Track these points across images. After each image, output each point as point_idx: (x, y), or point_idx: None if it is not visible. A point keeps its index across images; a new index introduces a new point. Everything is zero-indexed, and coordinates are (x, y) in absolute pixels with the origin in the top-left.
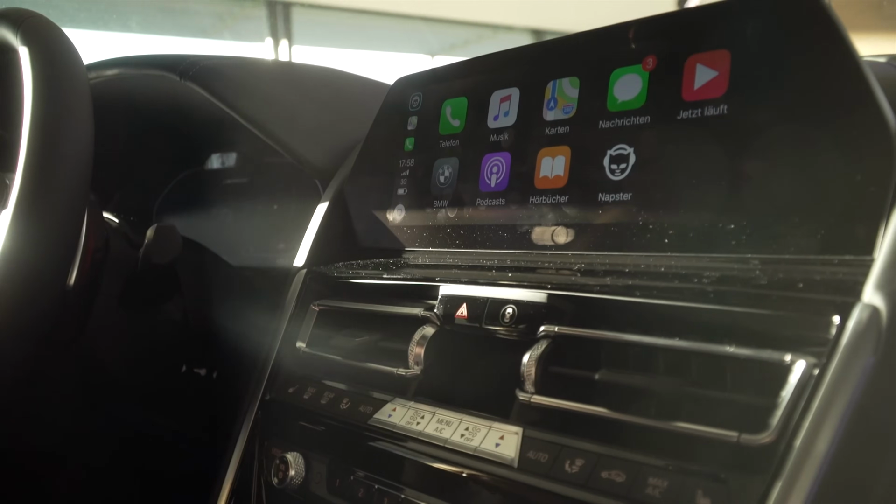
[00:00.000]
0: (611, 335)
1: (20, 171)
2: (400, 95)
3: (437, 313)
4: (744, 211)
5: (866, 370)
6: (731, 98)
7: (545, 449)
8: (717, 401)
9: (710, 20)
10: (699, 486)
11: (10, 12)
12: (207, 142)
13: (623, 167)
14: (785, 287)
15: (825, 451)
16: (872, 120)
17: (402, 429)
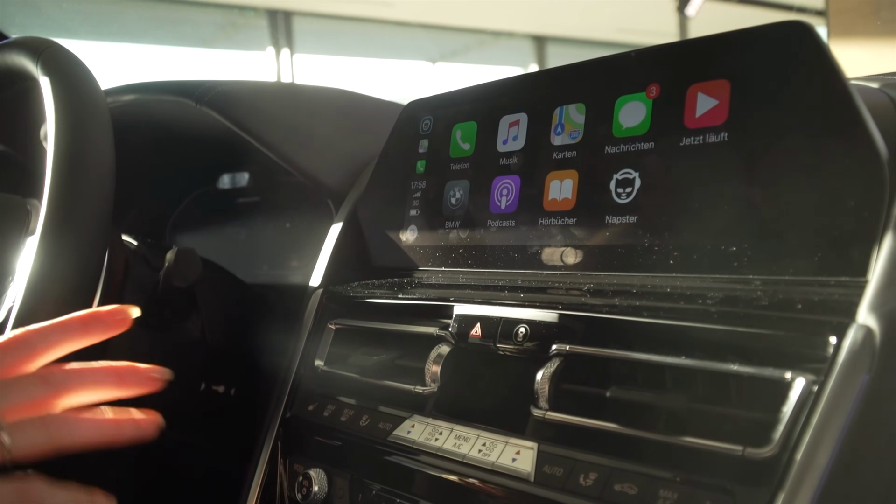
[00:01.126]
0: (620, 353)
1: (46, 199)
2: (411, 119)
3: (452, 332)
4: (745, 233)
5: (862, 387)
6: (730, 126)
7: (560, 463)
8: (723, 416)
9: (711, 51)
10: (707, 498)
11: (29, 42)
12: (219, 162)
13: (629, 191)
14: (784, 308)
15: (825, 464)
16: (864, 148)
17: (422, 444)
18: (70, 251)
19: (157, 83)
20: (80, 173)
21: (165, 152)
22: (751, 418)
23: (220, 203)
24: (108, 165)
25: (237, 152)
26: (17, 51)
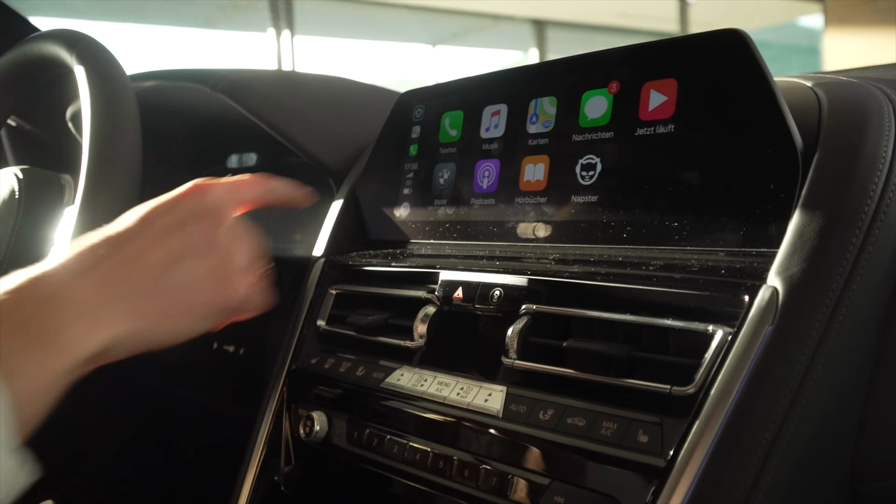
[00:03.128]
0: (578, 312)
1: (84, 174)
2: (405, 107)
3: (438, 295)
4: (685, 211)
5: (766, 336)
6: (677, 119)
7: (524, 402)
8: (658, 362)
9: (663, 53)
10: (640, 427)
11: (63, 33)
12: (229, 143)
13: (591, 174)
14: (711, 273)
15: (733, 398)
16: (782, 139)
17: (409, 390)
18: (104, 220)
19: (175, 71)
20: (112, 152)
21: (180, 134)
22: (679, 363)
23: None
24: (136, 146)
25: (246, 134)
26: (53, 41)
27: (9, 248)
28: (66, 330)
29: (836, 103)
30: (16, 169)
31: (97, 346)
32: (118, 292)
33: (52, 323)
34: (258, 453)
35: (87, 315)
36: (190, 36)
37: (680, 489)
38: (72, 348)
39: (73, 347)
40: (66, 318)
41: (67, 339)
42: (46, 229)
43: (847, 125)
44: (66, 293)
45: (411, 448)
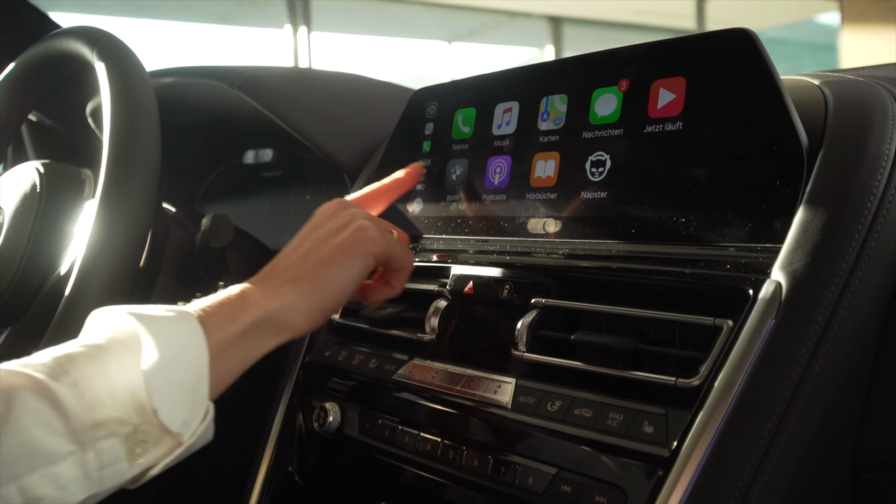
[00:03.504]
0: (586, 305)
1: (104, 170)
2: (419, 104)
3: (449, 289)
4: (692, 208)
5: (769, 329)
6: (685, 116)
7: (532, 394)
8: (663, 355)
9: (671, 52)
10: (646, 418)
11: (84, 30)
12: (245, 139)
13: (601, 170)
14: (718, 268)
15: (736, 390)
16: (788, 137)
17: (420, 382)
18: (124, 214)
19: (193, 68)
20: (132, 148)
21: (198, 129)
22: (684, 356)
23: (245, 176)
24: (156, 141)
25: (262, 130)
26: (75, 38)
27: (29, 240)
28: (247, 293)
29: (842, 101)
30: (37, 163)
31: (274, 308)
32: (281, 269)
33: (237, 291)
34: (272, 443)
35: (261, 287)
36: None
37: (684, 478)
38: (252, 306)
39: (253, 305)
40: (246, 290)
41: (249, 299)
42: (67, 223)
43: (852, 123)
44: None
45: (422, 438)
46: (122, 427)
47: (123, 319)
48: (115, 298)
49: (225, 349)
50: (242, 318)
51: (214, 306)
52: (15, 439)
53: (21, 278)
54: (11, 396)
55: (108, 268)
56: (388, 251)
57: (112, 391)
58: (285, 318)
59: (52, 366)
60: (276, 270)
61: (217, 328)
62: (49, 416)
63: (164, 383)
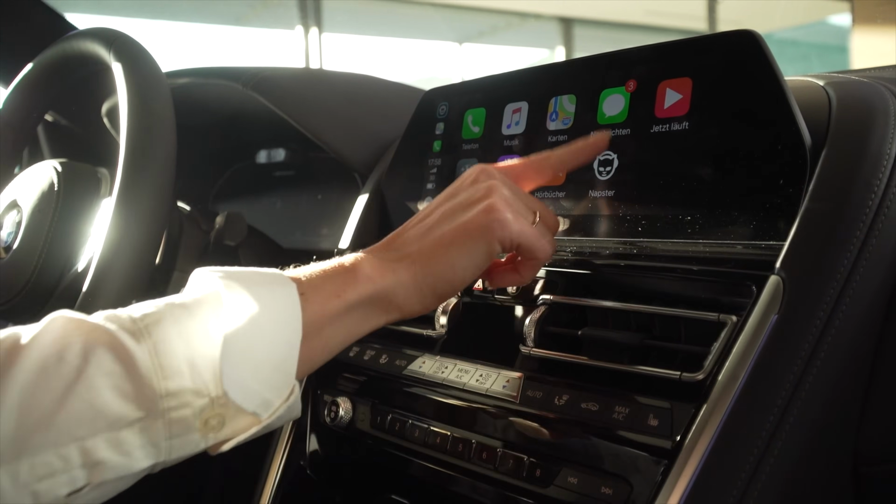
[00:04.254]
0: (592, 302)
1: (121, 169)
2: (430, 104)
3: None
4: (698, 206)
5: (772, 325)
6: (691, 117)
7: (540, 388)
8: (669, 349)
9: (678, 53)
10: (651, 411)
11: (101, 32)
12: (258, 138)
13: (609, 169)
14: (722, 264)
15: (739, 384)
16: (792, 137)
17: (430, 377)
18: (141, 212)
19: (208, 69)
20: (149, 148)
21: (211, 129)
22: (689, 351)
23: (258, 175)
24: (172, 141)
25: (274, 130)
26: (91, 39)
27: (47, 238)
28: (359, 266)
29: (845, 102)
30: (55, 162)
31: (384, 285)
32: (399, 243)
33: (349, 262)
34: (285, 438)
35: (375, 261)
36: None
37: (687, 470)
38: (361, 281)
39: (362, 281)
40: (359, 260)
41: (359, 272)
42: (84, 221)
43: (854, 123)
44: (361, 252)
45: (432, 432)
46: (197, 398)
47: (218, 282)
48: (132, 295)
49: (325, 325)
50: (349, 294)
51: (321, 276)
52: (84, 399)
53: (38, 275)
54: (90, 353)
55: (125, 265)
56: (518, 238)
57: (192, 360)
58: (395, 298)
59: (139, 324)
60: (396, 241)
61: (320, 302)
62: (123, 379)
63: (242, 359)
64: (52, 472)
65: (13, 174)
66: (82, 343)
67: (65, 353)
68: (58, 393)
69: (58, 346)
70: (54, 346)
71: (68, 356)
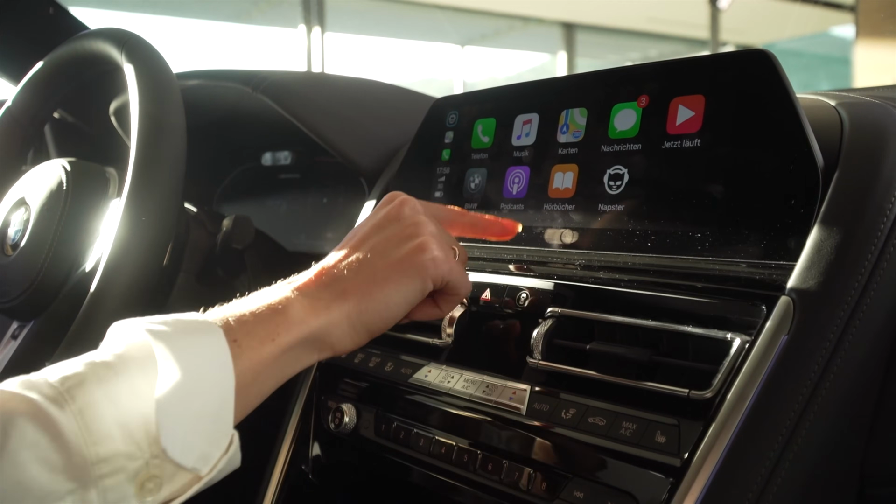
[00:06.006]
0: (601, 316)
1: (132, 169)
2: (439, 113)
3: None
4: (708, 223)
5: (782, 345)
6: (703, 134)
7: (547, 401)
8: (677, 367)
9: (691, 70)
10: (658, 428)
11: (113, 32)
12: (264, 141)
13: (619, 184)
14: (732, 283)
15: (748, 403)
16: (805, 158)
17: (436, 386)
18: (150, 213)
19: (218, 71)
20: (159, 149)
21: (217, 131)
22: (697, 368)
23: (263, 178)
24: (182, 143)
25: (281, 133)
26: (103, 40)
27: (55, 236)
28: (290, 307)
29: (858, 124)
30: (64, 161)
31: (317, 326)
32: (330, 279)
33: (280, 303)
34: (288, 443)
35: (306, 300)
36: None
37: (695, 488)
38: (295, 324)
39: (295, 323)
40: (290, 300)
41: (291, 313)
42: (92, 220)
43: (867, 146)
44: (290, 288)
45: (437, 442)
46: (130, 462)
47: (142, 336)
48: (140, 296)
49: (260, 372)
50: (282, 338)
51: (252, 321)
52: (9, 476)
53: (46, 274)
54: (10, 425)
55: (133, 265)
56: (448, 276)
57: (122, 421)
58: (328, 337)
59: (60, 389)
60: (323, 279)
61: (254, 347)
62: (48, 450)
63: (178, 414)
64: None
65: (21, 172)
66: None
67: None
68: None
69: None
70: None
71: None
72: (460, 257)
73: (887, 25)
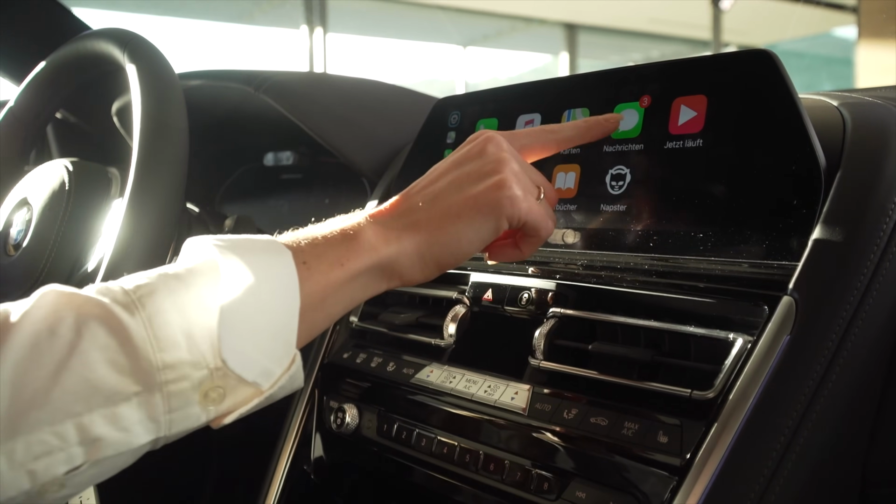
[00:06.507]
0: (603, 316)
1: (134, 169)
2: (442, 113)
3: (468, 296)
4: (711, 223)
5: (784, 345)
6: (706, 134)
7: (549, 402)
8: (679, 367)
9: (694, 70)
10: (661, 428)
11: (116, 32)
12: (266, 141)
13: (621, 184)
14: (734, 283)
15: (750, 403)
16: (807, 158)
17: (438, 386)
18: (152, 213)
19: (220, 71)
20: (161, 150)
21: (221, 131)
22: (699, 369)
23: (265, 178)
24: (184, 144)
25: (283, 133)
26: (106, 40)
27: (57, 237)
28: (362, 234)
29: (860, 124)
30: (66, 161)
31: (388, 254)
32: (404, 209)
33: (352, 228)
34: (290, 442)
35: (378, 227)
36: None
37: (697, 488)
38: (365, 250)
39: (366, 250)
40: (362, 226)
41: (363, 240)
42: (94, 220)
43: (869, 146)
44: (365, 216)
45: (439, 442)
46: (195, 370)
47: (212, 252)
48: None
49: (327, 295)
50: (352, 264)
51: (323, 244)
52: (78, 374)
53: (48, 274)
54: (83, 326)
55: (135, 266)
56: (526, 216)
57: (188, 331)
58: (398, 266)
59: (132, 296)
60: (401, 206)
61: (322, 271)
62: (117, 353)
63: (241, 328)
64: (48, 450)
65: (24, 172)
66: (74, 317)
67: (57, 327)
68: (51, 369)
69: (49, 321)
70: (45, 321)
71: (60, 331)
72: (547, 196)
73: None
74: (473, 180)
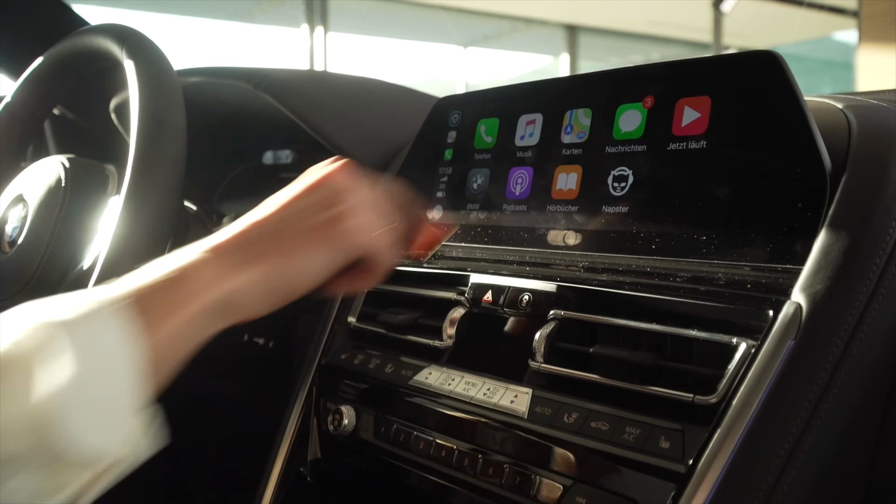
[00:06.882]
0: (604, 319)
1: (130, 166)
2: (442, 112)
3: (467, 297)
4: (714, 226)
5: (788, 350)
6: (709, 135)
7: (549, 405)
8: (681, 371)
9: (698, 71)
10: (662, 433)
11: (114, 28)
12: (266, 139)
13: (623, 185)
14: (737, 287)
15: (754, 409)
16: (812, 161)
17: (437, 388)
18: (150, 210)
19: (219, 68)
20: (159, 147)
21: (219, 129)
22: (702, 373)
23: (264, 176)
24: (182, 141)
25: (282, 131)
26: (104, 36)
27: (53, 234)
28: (198, 274)
29: (866, 127)
30: (62, 157)
31: (227, 291)
32: (247, 239)
33: (184, 269)
34: (286, 444)
35: (215, 262)
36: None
37: (699, 495)
38: (202, 290)
39: (203, 289)
40: (196, 265)
41: (199, 280)
42: (90, 217)
43: (875, 149)
44: (199, 250)
45: (437, 445)
46: (30, 461)
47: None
48: None
49: (164, 348)
50: (190, 305)
51: (154, 289)
52: None
53: (43, 271)
54: None
55: (131, 263)
56: (369, 248)
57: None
58: (240, 301)
59: None
60: (243, 238)
61: (156, 321)
62: None
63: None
64: None
65: (20, 168)
66: None
67: None
68: None
69: None
70: None
71: None
72: (393, 229)
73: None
74: (317, 210)
